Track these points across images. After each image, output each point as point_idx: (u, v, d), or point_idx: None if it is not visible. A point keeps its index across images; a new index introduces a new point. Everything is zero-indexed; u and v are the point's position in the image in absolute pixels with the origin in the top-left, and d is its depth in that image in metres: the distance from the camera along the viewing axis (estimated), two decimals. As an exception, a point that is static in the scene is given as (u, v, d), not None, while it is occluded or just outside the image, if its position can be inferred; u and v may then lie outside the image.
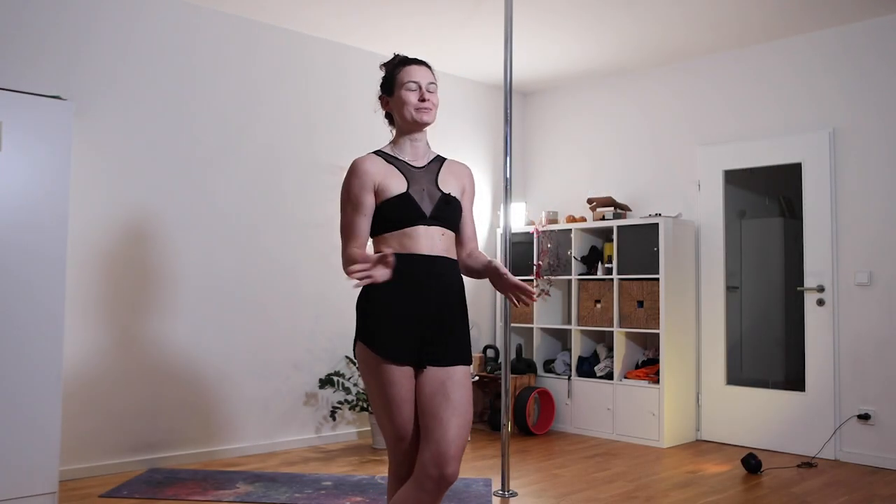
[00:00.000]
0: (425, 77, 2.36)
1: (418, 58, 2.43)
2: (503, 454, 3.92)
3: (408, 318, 2.22)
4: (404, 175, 2.31)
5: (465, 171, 2.46)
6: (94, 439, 4.20)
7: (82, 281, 4.17)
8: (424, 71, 2.37)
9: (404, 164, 2.34)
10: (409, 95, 2.33)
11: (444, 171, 2.39)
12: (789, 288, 5.62)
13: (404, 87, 2.34)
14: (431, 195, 2.31)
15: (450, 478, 2.14)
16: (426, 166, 2.37)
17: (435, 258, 2.26)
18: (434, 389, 2.20)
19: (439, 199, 2.30)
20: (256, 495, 3.81)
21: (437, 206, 2.29)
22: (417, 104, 2.32)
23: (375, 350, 2.21)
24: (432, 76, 2.39)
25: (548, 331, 6.09)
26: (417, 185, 2.31)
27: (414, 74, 2.35)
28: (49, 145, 3.56)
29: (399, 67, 2.37)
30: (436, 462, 2.13)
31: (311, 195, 5.19)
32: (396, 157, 2.36)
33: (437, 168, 2.39)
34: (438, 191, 2.32)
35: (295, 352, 5.08)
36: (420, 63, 2.39)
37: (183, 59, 4.64)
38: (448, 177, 2.38)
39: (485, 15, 4.81)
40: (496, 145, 6.38)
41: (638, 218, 5.57)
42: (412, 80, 2.33)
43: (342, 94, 5.41)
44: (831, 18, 4.86)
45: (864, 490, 4.12)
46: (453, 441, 2.15)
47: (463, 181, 2.43)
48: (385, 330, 2.22)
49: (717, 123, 5.54)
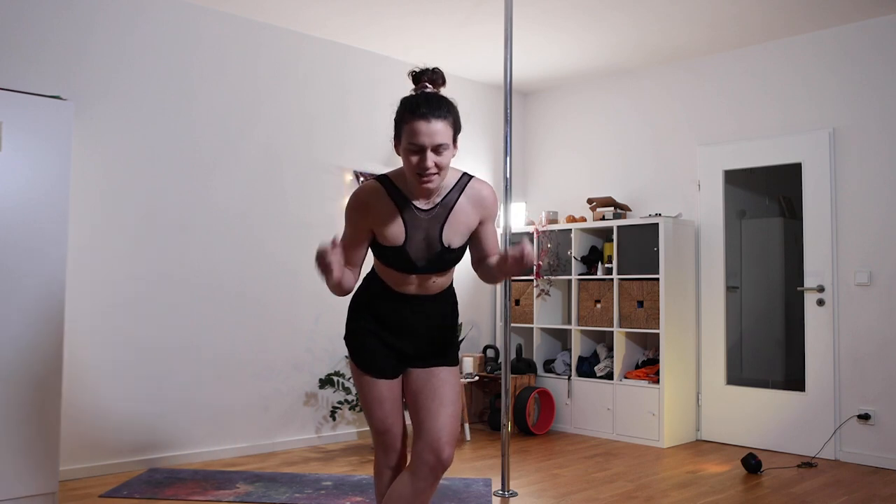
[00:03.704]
0: (433, 138, 1.99)
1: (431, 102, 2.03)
2: (503, 454, 3.92)
3: (390, 345, 2.26)
4: (405, 223, 2.12)
5: (485, 198, 2.20)
6: (94, 439, 4.20)
7: (82, 280, 4.16)
8: (433, 129, 1.99)
9: (410, 209, 2.13)
10: (411, 158, 2.03)
11: (458, 210, 2.15)
12: (789, 288, 5.61)
13: (408, 145, 2.03)
14: (430, 246, 2.15)
15: (445, 462, 2.18)
16: (435, 208, 2.14)
17: (423, 299, 2.24)
18: (420, 387, 2.26)
19: (436, 253, 2.15)
20: (256, 495, 3.81)
21: (431, 259, 2.15)
22: (417, 171, 2.03)
23: (358, 365, 2.29)
24: (444, 132, 2.02)
25: (548, 331, 6.09)
26: (417, 232, 2.13)
27: (419, 135, 1.99)
28: (49, 145, 3.56)
29: (406, 117, 2.04)
30: (431, 448, 2.17)
31: (311, 195, 5.19)
32: (404, 195, 2.13)
33: (449, 206, 2.14)
34: (439, 244, 2.14)
35: (295, 352, 5.07)
36: (429, 117, 2.00)
37: (183, 59, 4.64)
38: (459, 217, 2.16)
39: (485, 15, 4.81)
40: (496, 145, 6.38)
41: (638, 218, 5.57)
42: (415, 142, 2.00)
43: (342, 94, 5.41)
44: (831, 18, 4.86)
45: (864, 490, 4.12)
46: (444, 427, 2.19)
47: (479, 213, 2.21)
48: (367, 351, 2.26)
49: (717, 123, 5.54)
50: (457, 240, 2.17)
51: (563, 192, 6.40)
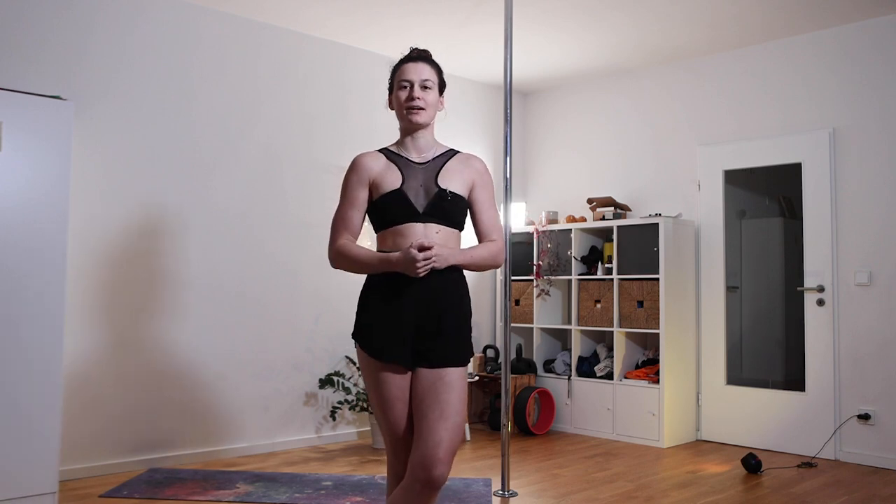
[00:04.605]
0: (419, 74, 2.29)
1: (421, 52, 2.36)
2: (503, 454, 3.92)
3: (399, 318, 2.20)
4: (401, 171, 2.28)
5: (474, 163, 2.38)
6: (94, 439, 4.20)
7: (82, 281, 4.17)
8: (420, 67, 2.30)
9: (405, 161, 2.31)
10: (401, 94, 2.30)
11: (450, 167, 2.32)
12: (789, 288, 5.61)
13: (398, 85, 2.31)
14: (428, 191, 2.25)
15: (437, 481, 2.10)
16: (429, 162, 2.32)
17: (431, 273, 2.18)
18: (424, 391, 2.18)
19: (435, 196, 2.24)
20: (256, 495, 3.81)
21: (432, 202, 2.23)
22: (406, 104, 2.29)
23: (366, 348, 2.24)
24: (430, 72, 2.32)
25: (548, 331, 6.09)
26: (414, 180, 2.27)
27: (407, 72, 2.30)
28: (49, 145, 3.56)
29: (398, 65, 2.35)
30: (423, 464, 2.10)
31: (311, 195, 5.19)
32: (399, 154, 2.34)
33: (441, 163, 2.32)
34: (436, 186, 2.25)
35: (295, 352, 5.07)
36: (418, 59, 2.32)
37: (183, 59, 4.64)
38: (452, 172, 2.31)
39: (485, 15, 4.81)
40: (496, 145, 6.38)
41: (638, 218, 5.57)
42: (404, 78, 2.30)
43: (342, 94, 5.41)
44: (831, 18, 4.86)
45: (864, 490, 4.12)
46: (439, 444, 2.10)
47: (471, 175, 2.34)
48: (377, 329, 2.22)
49: (717, 123, 5.54)
50: (453, 185, 2.28)
51: (563, 192, 6.40)
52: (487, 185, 2.37)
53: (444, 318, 2.22)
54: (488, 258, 2.32)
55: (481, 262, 2.31)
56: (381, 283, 2.24)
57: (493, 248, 2.33)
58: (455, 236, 2.30)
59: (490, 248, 2.33)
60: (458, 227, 2.31)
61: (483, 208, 2.36)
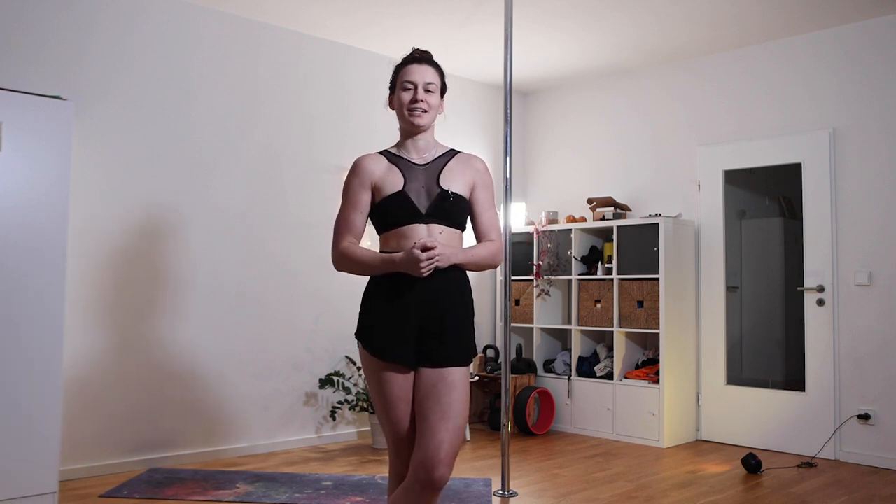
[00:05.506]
0: (423, 76, 2.30)
1: (424, 54, 2.37)
2: (503, 454, 3.92)
3: (402, 318, 2.21)
4: (403, 173, 2.28)
5: (475, 163, 2.39)
6: (94, 439, 4.20)
7: (82, 281, 4.17)
8: (424, 70, 2.31)
9: (406, 162, 2.32)
10: (404, 96, 2.30)
11: (451, 167, 2.33)
12: (789, 288, 5.61)
13: (401, 86, 2.32)
14: (430, 192, 2.27)
15: (437, 482, 2.10)
16: (430, 163, 2.32)
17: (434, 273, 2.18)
18: (426, 392, 2.18)
19: (437, 196, 2.25)
20: (256, 495, 3.81)
21: (435, 203, 2.25)
22: (409, 105, 2.29)
23: (369, 348, 2.24)
24: (433, 75, 2.33)
25: (548, 331, 6.09)
26: (416, 182, 2.27)
27: (411, 74, 2.30)
28: (49, 145, 3.56)
29: (402, 66, 2.35)
30: (424, 466, 2.10)
31: (311, 195, 5.19)
32: (400, 155, 2.34)
33: (442, 163, 2.33)
34: (438, 187, 2.27)
35: (295, 352, 5.07)
36: (422, 61, 2.33)
37: (183, 59, 4.64)
38: (454, 173, 2.32)
39: (485, 15, 4.81)
40: (496, 145, 6.38)
41: (638, 218, 5.57)
42: (408, 79, 2.30)
43: (342, 94, 5.41)
44: (831, 18, 4.86)
45: (864, 490, 4.12)
46: (440, 445, 2.11)
47: (472, 175, 2.35)
48: (379, 329, 2.23)
49: (717, 123, 5.54)
50: (454, 185, 2.29)
51: (563, 192, 6.40)
52: (488, 185, 2.39)
53: (447, 318, 2.23)
54: (488, 258, 2.34)
55: (481, 262, 2.33)
56: (384, 284, 2.25)
57: (492, 248, 2.35)
58: (458, 236, 2.32)
59: (489, 248, 2.35)
60: (460, 228, 2.32)
61: (483, 208, 2.38)
